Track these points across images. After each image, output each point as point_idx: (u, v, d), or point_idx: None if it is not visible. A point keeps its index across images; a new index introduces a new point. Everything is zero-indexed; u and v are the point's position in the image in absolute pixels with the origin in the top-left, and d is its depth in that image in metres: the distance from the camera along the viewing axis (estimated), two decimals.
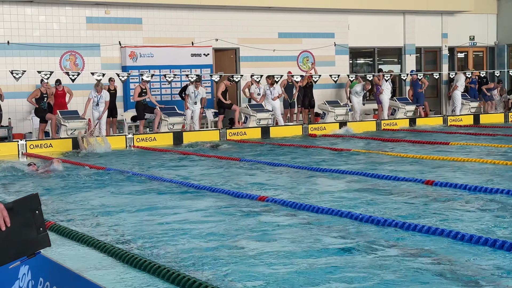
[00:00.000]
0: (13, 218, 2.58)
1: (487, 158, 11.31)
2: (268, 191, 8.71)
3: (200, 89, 17.52)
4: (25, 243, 2.65)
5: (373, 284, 4.67)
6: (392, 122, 19.28)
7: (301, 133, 17.99)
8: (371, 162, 11.71)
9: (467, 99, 21.10)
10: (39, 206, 2.68)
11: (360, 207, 7.50)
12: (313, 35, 21.45)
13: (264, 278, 4.87)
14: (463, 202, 7.66)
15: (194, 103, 17.50)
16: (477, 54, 25.59)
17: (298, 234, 6.27)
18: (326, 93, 21.09)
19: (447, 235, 5.88)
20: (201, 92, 17.60)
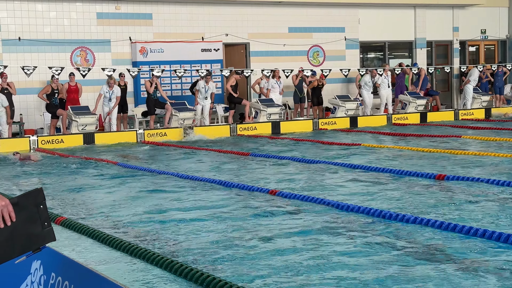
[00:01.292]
0: (18, 213, 2.59)
1: (499, 152, 11.24)
2: (278, 185, 8.70)
3: (210, 84, 17.53)
4: (30, 238, 2.66)
5: (384, 279, 4.66)
6: (403, 116, 19.20)
7: (311, 128, 17.96)
8: (382, 157, 11.67)
9: (478, 93, 20.97)
10: (44, 200, 2.69)
11: (372, 201, 7.48)
12: (324, 29, 21.39)
13: (274, 272, 4.87)
14: (476, 196, 7.62)
15: (204, 98, 17.51)
16: (489, 48, 25.43)
17: (308, 228, 6.27)
18: (336, 87, 21.03)
19: (460, 230, 5.85)
20: (211, 87, 17.61)
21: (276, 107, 18.16)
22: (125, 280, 4.75)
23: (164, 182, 9.53)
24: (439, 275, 4.69)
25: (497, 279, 4.59)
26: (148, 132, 16.29)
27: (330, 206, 7.18)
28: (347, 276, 4.73)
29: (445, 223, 6.05)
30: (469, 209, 6.94)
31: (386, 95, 19.71)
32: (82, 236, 6.19)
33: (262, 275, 4.82)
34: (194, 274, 4.65)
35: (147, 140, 16.01)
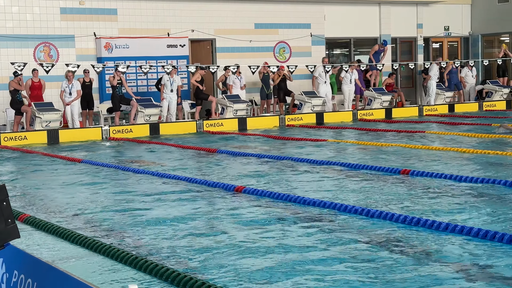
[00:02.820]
0: None
1: (463, 147, 11.42)
2: (245, 181, 8.70)
3: (175, 77, 17.46)
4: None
5: (349, 274, 4.70)
6: (369, 112, 19.37)
7: (278, 124, 18.01)
8: (347, 152, 11.76)
9: (442, 89, 21.25)
10: (7, 197, 2.64)
11: (337, 195, 7.54)
12: (290, 25, 21.44)
13: (241, 269, 4.87)
14: (440, 191, 7.73)
15: (170, 91, 17.41)
16: (452, 44, 25.79)
17: (274, 224, 6.29)
18: (303, 84, 21.07)
19: (423, 224, 5.93)
20: (177, 80, 17.55)
21: (242, 103, 18.16)
22: (89, 277, 4.70)
23: (129, 178, 9.46)
24: (402, 267, 4.74)
25: (457, 271, 4.66)
26: (113, 129, 16.15)
27: (296, 201, 7.21)
28: (314, 270, 4.76)
29: (409, 217, 6.12)
30: (433, 203, 7.04)
31: (348, 90, 19.76)
32: (46, 233, 6.11)
33: (230, 272, 4.82)
34: (159, 270, 4.62)
35: (112, 137, 15.87)
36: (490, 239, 5.36)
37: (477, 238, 5.44)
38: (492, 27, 24.87)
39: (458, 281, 4.45)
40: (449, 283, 4.42)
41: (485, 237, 5.40)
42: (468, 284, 4.39)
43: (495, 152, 10.56)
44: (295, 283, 4.51)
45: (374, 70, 20.92)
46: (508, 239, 5.25)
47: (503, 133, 13.45)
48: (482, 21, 25.09)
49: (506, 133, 13.39)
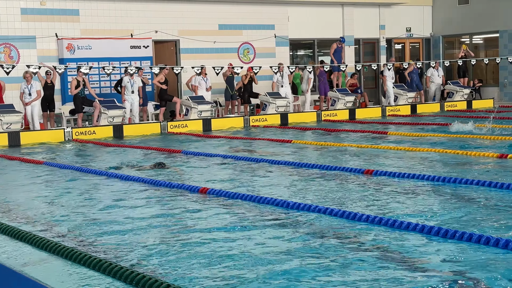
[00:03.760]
0: None
1: (425, 147, 11.57)
2: (210, 182, 8.68)
3: (135, 78, 17.34)
4: None
5: (312, 273, 4.72)
6: (333, 113, 19.50)
7: (243, 125, 18.02)
8: (311, 152, 11.82)
9: (404, 90, 21.50)
10: None
11: (301, 196, 7.57)
12: (254, 26, 21.47)
13: (205, 271, 4.86)
14: (402, 190, 7.81)
15: (131, 92, 17.27)
16: (414, 46, 26.13)
17: (239, 225, 6.29)
18: (267, 84, 21.11)
19: (385, 223, 5.99)
20: (137, 81, 17.43)
21: (206, 104, 18.12)
22: (50, 280, 4.63)
23: (92, 181, 9.36)
24: (366, 266, 4.79)
25: (416, 269, 4.72)
26: (76, 131, 15.96)
27: (260, 202, 7.22)
28: (278, 269, 4.77)
29: (371, 216, 6.18)
30: (396, 202, 7.12)
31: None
32: (5, 236, 6.01)
33: (196, 274, 4.80)
34: (123, 273, 4.58)
35: (75, 139, 15.69)
36: (451, 237, 5.44)
37: (437, 236, 5.51)
38: (452, 29, 25.28)
39: (419, 280, 4.51)
40: (410, 282, 4.47)
41: (446, 235, 5.48)
42: (428, 282, 4.45)
43: (456, 151, 10.73)
44: (261, 283, 4.51)
45: (336, 71, 21.07)
46: (467, 238, 5.34)
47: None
48: (443, 22, 25.47)
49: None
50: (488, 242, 5.21)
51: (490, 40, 25.06)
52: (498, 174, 8.74)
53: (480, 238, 5.27)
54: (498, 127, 14.24)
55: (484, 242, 5.22)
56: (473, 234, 5.38)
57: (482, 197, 7.25)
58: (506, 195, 7.28)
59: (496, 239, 5.20)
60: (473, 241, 5.28)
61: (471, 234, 5.37)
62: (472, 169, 9.26)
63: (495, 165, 9.47)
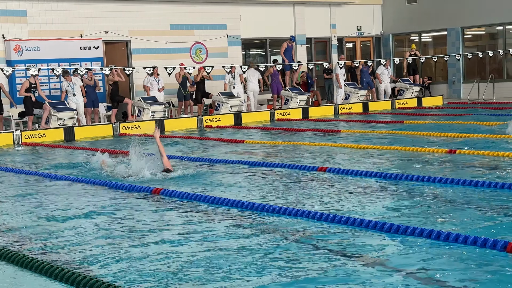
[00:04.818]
0: None
1: (377, 144, 11.71)
2: (163, 183, 8.61)
3: (73, 79, 17.09)
4: None
5: (267, 272, 4.73)
6: (286, 111, 19.58)
7: (196, 126, 17.94)
8: (265, 152, 11.85)
9: (356, 88, 21.73)
10: None
11: (256, 196, 7.57)
12: (205, 26, 21.40)
13: (153, 273, 4.81)
14: (355, 187, 7.89)
15: (73, 95, 17.02)
16: (365, 44, 26.45)
17: (193, 226, 6.25)
18: (220, 84, 21.07)
19: (339, 221, 6.04)
20: (77, 82, 17.18)
21: (159, 105, 17.99)
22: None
23: (42, 184, 9.18)
24: (320, 264, 4.81)
25: (368, 265, 4.77)
26: (26, 134, 15.63)
27: (214, 202, 7.20)
28: (235, 269, 4.75)
29: (325, 214, 6.22)
30: (349, 200, 7.18)
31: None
32: None
33: (148, 276, 4.74)
34: (75, 278, 4.50)
35: (25, 142, 15.36)
36: (402, 233, 5.51)
37: (389, 233, 5.58)
38: (402, 27, 25.67)
39: (371, 276, 4.56)
40: (363, 278, 4.51)
41: (397, 231, 5.55)
42: (383, 278, 4.49)
43: (407, 148, 10.89)
44: (218, 284, 4.49)
45: (288, 70, 21.15)
46: (419, 233, 5.41)
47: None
48: (392, 21, 25.85)
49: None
50: (439, 236, 5.29)
51: (438, 38, 25.54)
52: (448, 169, 8.91)
53: (431, 233, 5.36)
54: None
55: (435, 236, 5.31)
56: (424, 229, 5.46)
57: (432, 193, 7.38)
58: (456, 191, 7.42)
59: (446, 233, 5.29)
60: (425, 236, 5.36)
61: (422, 229, 5.45)
62: (423, 165, 9.41)
63: (446, 161, 9.65)
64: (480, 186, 7.45)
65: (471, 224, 5.86)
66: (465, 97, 23.09)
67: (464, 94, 23.67)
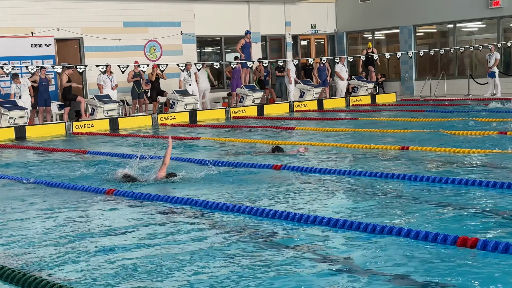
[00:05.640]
0: None
1: (331, 141, 11.80)
2: (116, 184, 8.50)
3: (22, 81, 16.76)
4: None
5: (221, 270, 4.71)
6: (241, 109, 19.57)
7: (151, 124, 17.79)
8: (219, 150, 11.82)
9: (311, 85, 21.85)
10: None
11: (210, 194, 7.54)
12: (160, 24, 21.23)
13: (110, 272, 4.75)
14: (309, 184, 7.93)
15: (19, 98, 16.69)
16: (319, 42, 26.62)
17: (146, 225, 6.19)
18: (175, 82, 20.93)
19: (292, 218, 6.06)
20: (25, 83, 16.86)
21: (113, 103, 17.78)
22: None
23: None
24: (274, 261, 4.82)
25: (328, 262, 4.80)
26: None
27: (167, 201, 7.15)
28: (187, 268, 4.72)
29: (279, 211, 6.23)
30: (302, 197, 7.21)
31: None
32: None
33: (98, 275, 4.68)
34: (26, 280, 4.41)
35: None
36: (356, 229, 5.56)
37: (343, 229, 5.62)
38: (355, 25, 25.93)
39: (327, 271, 4.58)
40: (311, 273, 4.53)
41: (351, 227, 5.60)
42: (336, 273, 4.52)
43: (361, 146, 11.00)
44: (172, 282, 4.45)
45: (245, 68, 21.15)
46: (371, 229, 5.47)
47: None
48: (346, 19, 26.09)
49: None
50: (391, 231, 5.36)
51: (391, 36, 25.88)
52: (401, 165, 9.03)
53: (384, 229, 5.42)
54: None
55: (387, 232, 5.37)
56: (376, 225, 5.52)
57: (385, 188, 7.46)
58: (408, 186, 7.53)
59: (398, 229, 5.35)
60: (377, 232, 5.42)
61: (374, 225, 5.51)
62: (377, 161, 9.52)
63: (399, 157, 9.78)
64: (431, 181, 7.57)
65: (423, 219, 5.95)
66: (418, 94, 23.45)
67: (416, 91, 24.05)
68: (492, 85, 21.35)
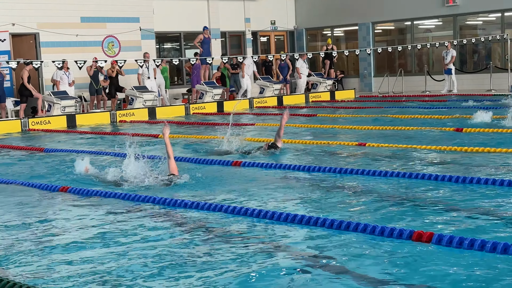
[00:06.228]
0: None
1: (292, 138, 11.83)
2: (73, 180, 8.38)
3: None
4: None
5: (186, 269, 4.68)
6: (201, 106, 19.49)
7: (109, 121, 17.58)
8: (179, 146, 11.74)
9: (270, 82, 21.89)
10: None
11: (168, 191, 7.49)
12: (118, 19, 20.98)
13: (64, 271, 4.68)
14: (268, 181, 7.93)
15: None
16: (279, 38, 26.68)
17: (101, 222, 6.12)
18: (134, 78, 20.74)
19: (251, 214, 6.05)
20: None
21: (70, 99, 17.52)
22: None
23: None
24: (232, 258, 4.81)
25: (287, 257, 4.82)
26: None
27: (125, 198, 7.07)
28: (148, 267, 4.68)
29: (244, 208, 6.21)
30: (262, 194, 7.21)
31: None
32: None
33: (53, 275, 4.60)
34: None
35: None
36: (313, 224, 5.58)
37: (301, 224, 5.64)
38: (315, 22, 26.07)
39: (289, 269, 4.59)
40: (279, 270, 4.54)
41: (308, 223, 5.62)
42: (301, 275, 4.53)
43: (319, 142, 11.06)
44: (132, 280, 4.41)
45: (204, 64, 21.07)
46: (337, 225, 5.49)
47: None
48: (305, 15, 26.20)
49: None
50: (349, 227, 5.40)
51: (350, 33, 26.10)
52: (359, 161, 9.11)
53: (341, 224, 5.46)
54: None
55: (345, 227, 5.41)
56: (334, 220, 5.55)
57: (343, 184, 7.52)
58: (366, 181, 7.59)
59: (355, 224, 5.40)
60: (335, 227, 5.45)
61: (332, 220, 5.54)
62: (336, 157, 9.58)
63: (357, 153, 9.86)
64: (389, 176, 7.66)
65: (378, 214, 6.00)
66: (376, 91, 23.71)
67: (375, 88, 24.31)
68: (448, 82, 21.71)
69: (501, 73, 21.43)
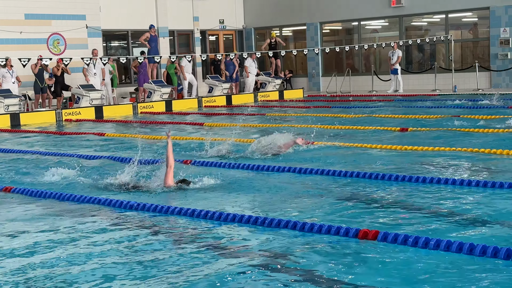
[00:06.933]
0: None
1: (241, 137, 11.83)
2: (18, 180, 8.19)
3: None
4: None
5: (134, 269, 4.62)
6: (149, 105, 19.32)
7: (55, 120, 17.25)
8: (127, 146, 11.61)
9: (220, 81, 21.86)
10: None
11: (122, 193, 7.39)
12: (63, 16, 20.60)
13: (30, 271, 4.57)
14: (217, 180, 7.90)
15: None
16: (228, 37, 26.66)
17: (46, 223, 6.00)
18: (80, 76, 20.39)
19: (211, 217, 6.02)
20: None
21: (14, 98, 17.11)
22: None
23: None
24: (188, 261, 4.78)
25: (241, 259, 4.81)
26: None
27: (70, 199, 6.95)
28: (99, 268, 4.60)
29: (197, 210, 6.17)
30: (209, 193, 7.18)
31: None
32: None
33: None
34: None
35: None
36: (260, 224, 5.59)
37: (248, 224, 5.65)
38: (263, 21, 26.14)
39: (237, 267, 4.59)
40: (240, 273, 4.53)
41: (256, 223, 5.62)
42: (264, 277, 4.53)
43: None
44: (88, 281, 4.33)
45: (152, 63, 20.88)
46: (276, 224, 5.51)
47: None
48: (254, 15, 26.25)
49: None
50: (295, 226, 5.42)
51: (298, 32, 26.27)
52: (308, 160, 9.17)
53: (288, 223, 5.48)
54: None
55: (292, 226, 5.44)
56: (281, 220, 5.57)
57: (292, 183, 7.55)
58: (313, 180, 7.65)
59: (294, 222, 5.43)
60: (282, 227, 5.47)
61: (279, 220, 5.56)
62: (284, 156, 9.61)
63: (305, 151, 9.92)
64: (337, 175, 7.73)
65: (326, 212, 6.05)
66: (324, 90, 23.92)
67: (323, 87, 24.53)
68: (394, 82, 22.08)
69: (446, 73, 21.91)
